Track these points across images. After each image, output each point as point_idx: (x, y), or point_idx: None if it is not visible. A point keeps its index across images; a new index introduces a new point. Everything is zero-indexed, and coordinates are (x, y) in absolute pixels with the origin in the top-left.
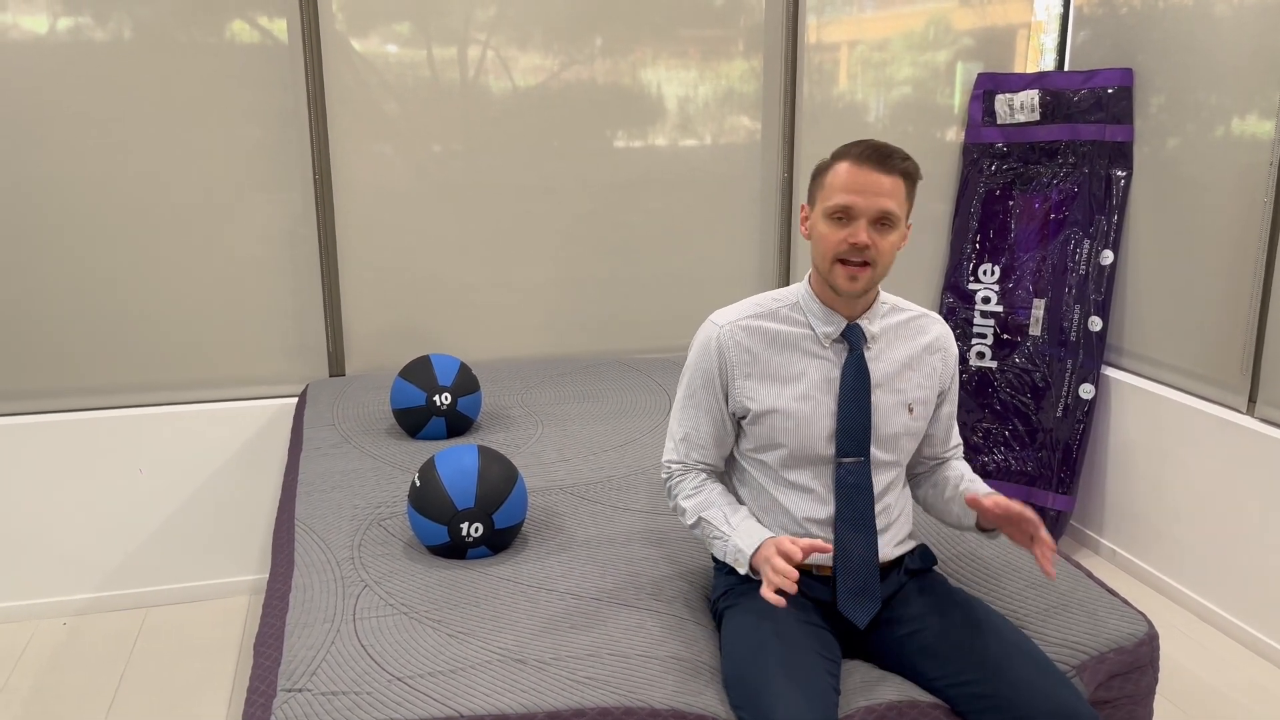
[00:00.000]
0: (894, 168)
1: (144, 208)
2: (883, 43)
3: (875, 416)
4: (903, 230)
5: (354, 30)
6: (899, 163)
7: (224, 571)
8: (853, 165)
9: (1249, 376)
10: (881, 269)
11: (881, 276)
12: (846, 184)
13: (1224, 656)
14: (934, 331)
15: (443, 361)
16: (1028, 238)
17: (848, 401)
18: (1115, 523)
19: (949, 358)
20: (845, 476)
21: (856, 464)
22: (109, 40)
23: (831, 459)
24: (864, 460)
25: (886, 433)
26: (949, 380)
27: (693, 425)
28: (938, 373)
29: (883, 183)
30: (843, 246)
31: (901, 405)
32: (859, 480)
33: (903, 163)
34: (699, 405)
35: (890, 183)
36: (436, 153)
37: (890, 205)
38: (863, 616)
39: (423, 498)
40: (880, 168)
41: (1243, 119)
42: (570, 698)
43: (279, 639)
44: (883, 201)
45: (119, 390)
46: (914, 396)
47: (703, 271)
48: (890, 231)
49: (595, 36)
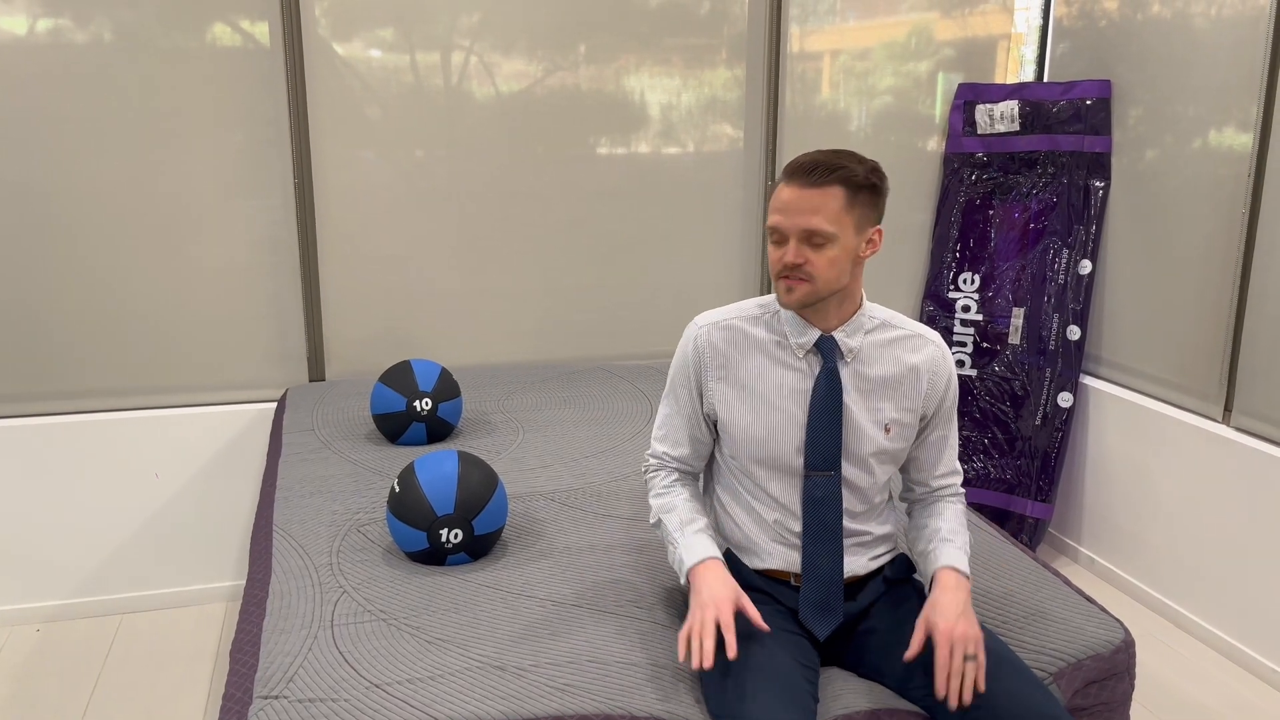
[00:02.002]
0: (819, 181)
1: (124, 212)
2: (864, 52)
3: (848, 433)
4: (846, 244)
5: (337, 34)
6: (826, 175)
7: (201, 577)
8: (784, 183)
9: (1225, 386)
10: (823, 284)
11: (826, 290)
12: (776, 204)
13: (1200, 664)
14: (926, 353)
15: (423, 367)
16: (1007, 247)
17: (818, 415)
18: (1093, 530)
19: (939, 382)
20: (813, 490)
21: (825, 478)
22: (89, 42)
23: (799, 470)
24: (834, 475)
25: (859, 450)
26: (936, 405)
27: (670, 423)
28: (922, 395)
29: (809, 199)
30: (778, 266)
31: (878, 424)
32: (826, 494)
33: (832, 173)
34: (677, 402)
35: (817, 197)
36: (419, 158)
37: (814, 222)
38: (822, 629)
39: (402, 504)
40: (805, 183)
41: (1220, 131)
42: (549, 705)
43: (255, 645)
44: (806, 220)
45: (97, 394)
46: (892, 417)
47: (685, 278)
48: (825, 247)
49: (579, 44)
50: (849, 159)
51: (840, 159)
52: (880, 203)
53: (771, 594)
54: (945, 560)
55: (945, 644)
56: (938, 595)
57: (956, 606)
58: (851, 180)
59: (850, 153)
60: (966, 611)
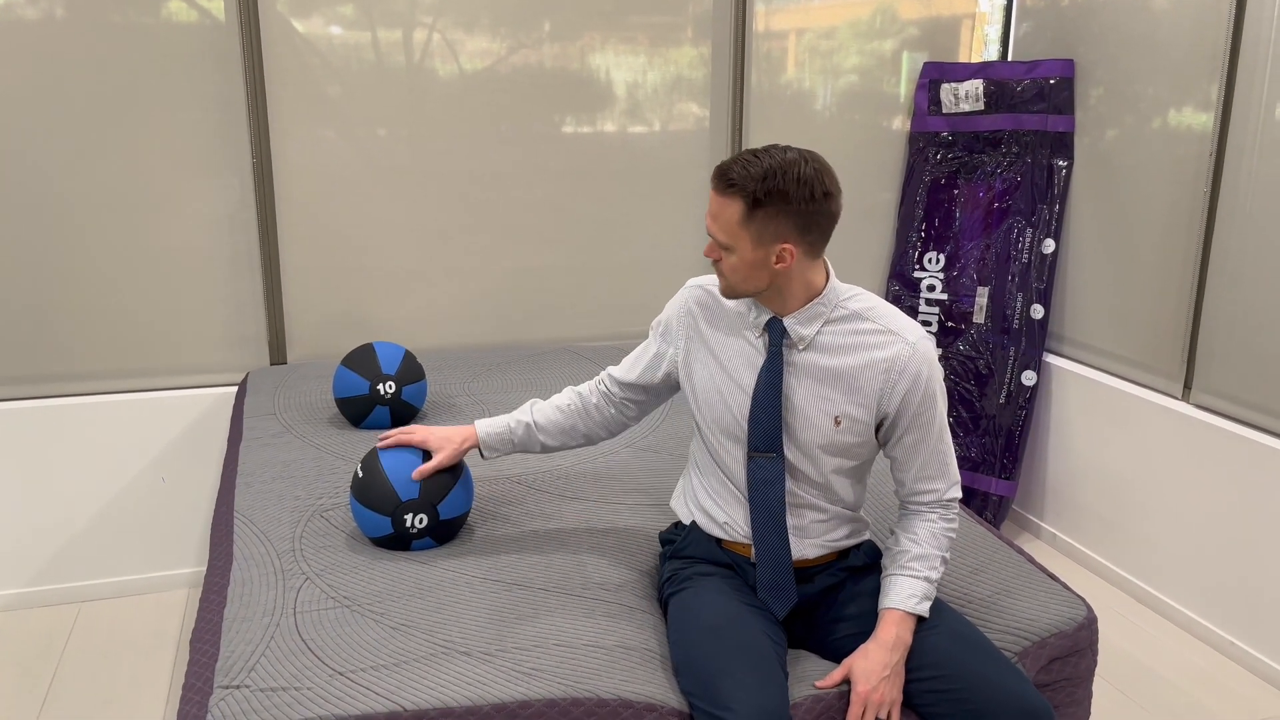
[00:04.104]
0: (721, 188)
1: (76, 193)
2: (830, 31)
3: (792, 417)
4: (744, 255)
5: (294, 10)
6: (726, 185)
7: (161, 565)
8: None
9: (1185, 364)
10: (736, 282)
11: (742, 289)
12: None
13: (1161, 638)
14: (892, 351)
15: (387, 349)
16: (972, 226)
17: (759, 394)
18: (1055, 507)
19: (902, 381)
20: (756, 470)
21: (768, 459)
22: (40, 19)
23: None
24: (775, 458)
25: (805, 438)
26: (899, 406)
27: (635, 355)
28: (878, 392)
29: (714, 204)
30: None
31: (826, 414)
32: (769, 476)
33: (730, 186)
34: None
35: (718, 205)
36: (381, 137)
37: (712, 228)
38: (779, 609)
39: (366, 489)
40: (715, 186)
41: (1180, 111)
42: (516, 690)
43: (216, 634)
44: (710, 222)
45: (51, 379)
46: (843, 409)
47: (651, 258)
48: (728, 254)
49: (543, 21)
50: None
51: (750, 167)
52: (792, 219)
53: (736, 569)
54: (894, 599)
55: (859, 705)
56: (871, 645)
57: (883, 666)
58: (746, 193)
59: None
60: (894, 673)
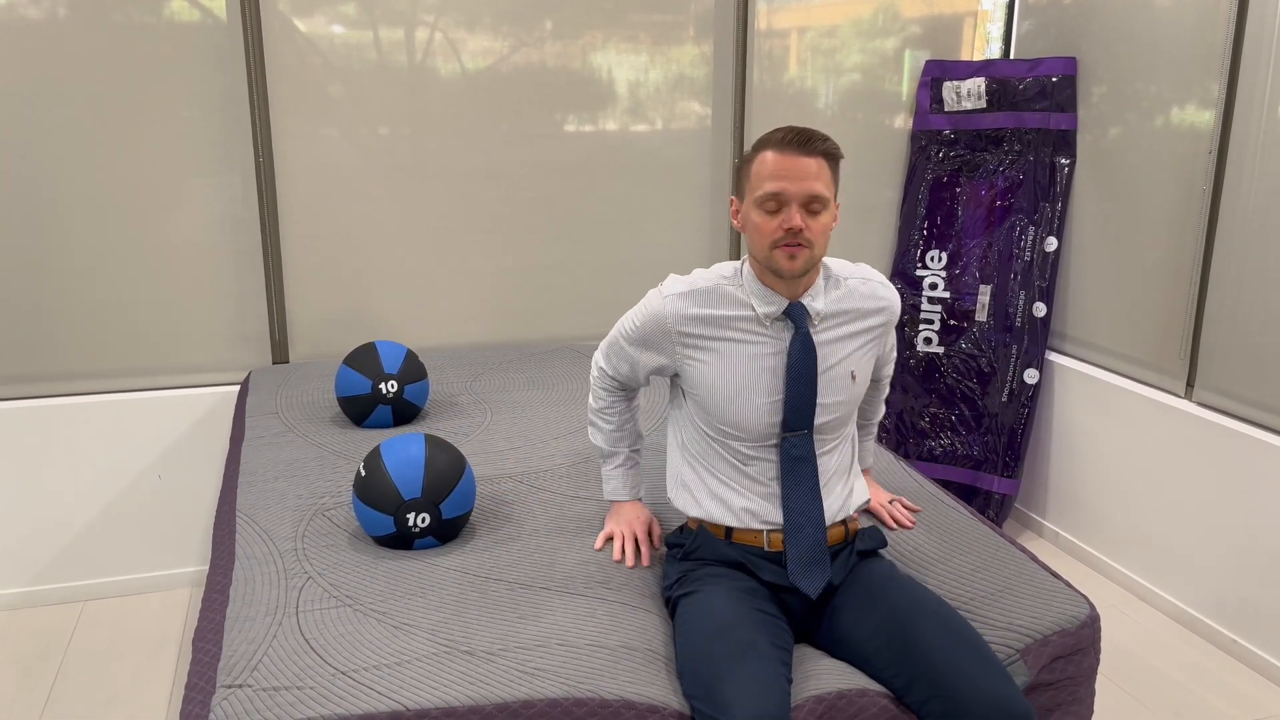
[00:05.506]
0: (816, 150)
1: (78, 192)
2: (832, 29)
3: (821, 390)
4: (832, 211)
5: (296, 9)
6: (820, 144)
7: (164, 564)
8: (776, 153)
9: (1187, 361)
10: (819, 249)
11: (819, 257)
12: (774, 171)
13: (1164, 636)
14: (879, 296)
15: (389, 348)
16: (974, 224)
17: (795, 380)
18: (1058, 505)
19: (891, 310)
20: (790, 450)
21: (800, 437)
22: (42, 18)
23: (774, 433)
24: (807, 433)
25: (829, 402)
26: (890, 340)
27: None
28: (877, 333)
29: (808, 166)
30: (778, 233)
31: (845, 375)
32: (803, 452)
33: (823, 144)
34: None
35: (815, 165)
36: (383, 136)
37: (818, 188)
38: (814, 586)
39: (368, 487)
40: (803, 151)
41: (1182, 109)
42: (519, 689)
43: (218, 633)
44: (810, 185)
45: (54, 378)
46: (857, 364)
47: (653, 256)
48: (821, 213)
49: (545, 20)
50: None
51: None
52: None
53: (747, 566)
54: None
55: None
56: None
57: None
58: (833, 152)
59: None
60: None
